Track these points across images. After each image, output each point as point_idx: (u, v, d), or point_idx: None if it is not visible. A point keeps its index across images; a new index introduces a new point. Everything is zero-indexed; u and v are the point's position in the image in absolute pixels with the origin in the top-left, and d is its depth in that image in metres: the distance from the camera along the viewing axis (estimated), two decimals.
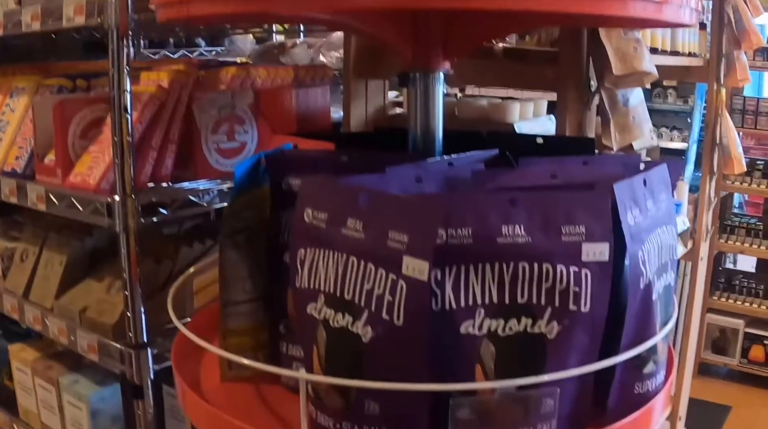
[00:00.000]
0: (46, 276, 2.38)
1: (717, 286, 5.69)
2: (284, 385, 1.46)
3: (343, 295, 1.16)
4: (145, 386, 2.00)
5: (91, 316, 2.15)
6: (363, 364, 1.15)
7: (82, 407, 2.27)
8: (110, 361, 2.05)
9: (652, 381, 1.33)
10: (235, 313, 1.46)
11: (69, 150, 2.12)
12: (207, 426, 1.34)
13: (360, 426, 1.17)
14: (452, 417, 1.15)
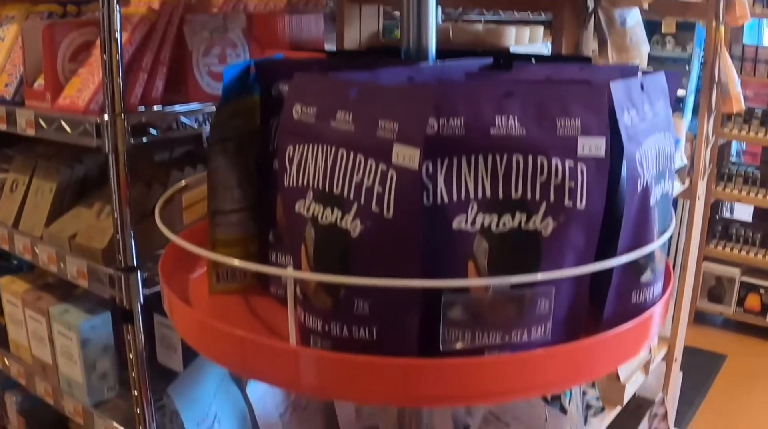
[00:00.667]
0: (36, 204, 2.34)
1: (714, 235, 5.67)
2: (273, 296, 1.43)
3: (332, 189, 1.12)
4: (135, 311, 1.97)
5: (81, 242, 2.12)
6: (352, 260, 1.11)
7: (72, 337, 2.24)
8: (100, 287, 2.02)
9: (650, 290, 1.29)
10: (224, 223, 1.42)
11: (58, 74, 2.08)
12: (194, 335, 1.31)
13: (349, 326, 1.14)
14: (444, 316, 1.12)
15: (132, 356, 2.01)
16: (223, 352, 1.24)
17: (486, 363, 1.12)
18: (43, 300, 2.40)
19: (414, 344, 1.13)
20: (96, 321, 2.25)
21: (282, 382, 1.20)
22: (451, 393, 1.13)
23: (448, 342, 1.12)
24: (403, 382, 1.11)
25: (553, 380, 1.17)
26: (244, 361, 1.21)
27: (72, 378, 2.31)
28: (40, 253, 2.22)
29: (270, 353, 1.17)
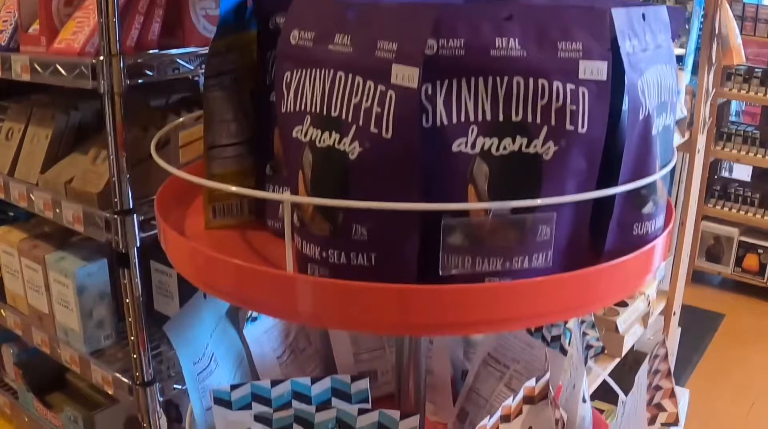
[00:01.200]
0: (31, 152, 2.33)
1: (712, 194, 5.66)
2: (271, 230, 1.42)
3: (329, 112, 1.10)
4: (131, 254, 1.95)
5: (76, 187, 2.11)
6: (350, 183, 1.10)
7: (68, 284, 2.24)
8: (96, 231, 2.00)
9: (652, 223, 1.28)
10: (220, 157, 1.41)
11: (53, 18, 2.07)
12: (191, 267, 1.30)
13: (347, 252, 1.13)
14: (444, 241, 1.11)
15: (129, 301, 2.00)
16: (220, 282, 1.23)
17: (486, 290, 1.11)
18: (39, 248, 2.39)
19: (413, 270, 1.12)
20: (92, 268, 2.24)
21: (279, 311, 1.19)
22: (450, 321, 1.11)
23: (448, 268, 1.11)
24: (401, 308, 1.10)
25: (554, 309, 1.16)
26: (241, 290, 1.20)
27: (68, 326, 2.30)
28: (36, 200, 2.21)
29: (267, 282, 1.16)
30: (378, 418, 1.38)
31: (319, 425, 1.39)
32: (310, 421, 1.39)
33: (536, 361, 1.71)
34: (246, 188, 1.42)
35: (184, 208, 1.55)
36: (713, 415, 4.33)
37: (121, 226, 1.93)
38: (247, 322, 1.69)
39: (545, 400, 1.40)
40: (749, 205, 5.52)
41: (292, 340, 1.85)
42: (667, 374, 1.47)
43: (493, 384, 1.80)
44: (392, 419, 1.37)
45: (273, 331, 1.78)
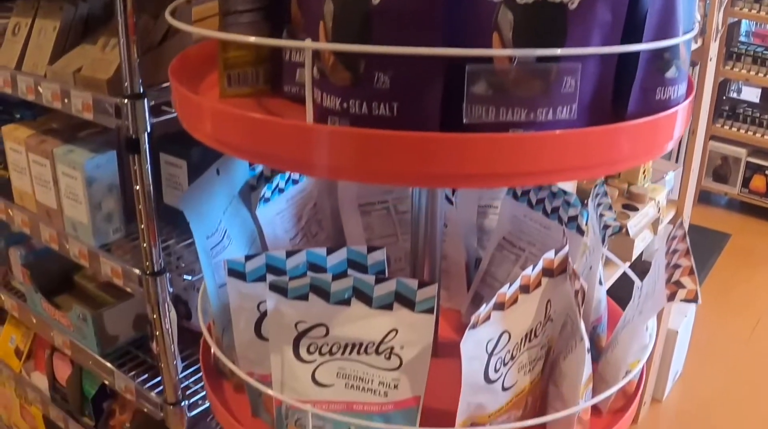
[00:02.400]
0: (38, 45, 2.30)
1: (720, 114, 5.64)
2: (288, 96, 1.41)
3: None
4: (141, 139, 1.94)
5: (86, 75, 2.08)
6: (372, 30, 1.09)
7: (77, 176, 2.22)
8: (106, 118, 1.98)
9: (674, 89, 1.27)
10: (236, 24, 1.39)
11: None
12: (207, 127, 1.28)
13: (369, 102, 1.12)
14: (468, 89, 1.10)
15: (139, 188, 1.98)
16: (238, 138, 1.21)
17: (510, 140, 1.10)
18: (48, 143, 2.37)
19: (436, 120, 1.12)
20: (101, 159, 2.23)
21: (299, 164, 1.18)
22: (471, 171, 1.10)
23: (472, 116, 1.10)
24: (424, 157, 1.09)
25: (575, 165, 1.15)
26: (260, 146, 1.18)
27: (77, 220, 2.29)
28: (44, 92, 2.19)
29: (287, 135, 1.15)
30: (395, 286, 1.37)
31: (335, 294, 1.38)
32: (326, 290, 1.38)
33: (552, 242, 1.71)
34: (261, 56, 1.41)
35: (198, 83, 1.54)
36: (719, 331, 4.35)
37: (132, 110, 1.91)
38: (260, 202, 1.69)
39: (564, 274, 1.40)
40: (757, 126, 5.51)
41: (305, 224, 1.84)
42: (686, 253, 1.47)
43: (509, 267, 1.80)
44: (410, 288, 1.36)
45: (285, 213, 1.77)
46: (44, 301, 2.68)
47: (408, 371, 1.39)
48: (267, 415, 1.59)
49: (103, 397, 2.82)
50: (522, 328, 1.41)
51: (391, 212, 1.94)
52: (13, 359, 3.24)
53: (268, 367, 1.48)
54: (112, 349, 2.56)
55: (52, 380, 3.00)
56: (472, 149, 1.09)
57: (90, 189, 2.22)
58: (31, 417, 3.34)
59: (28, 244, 2.91)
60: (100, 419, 2.82)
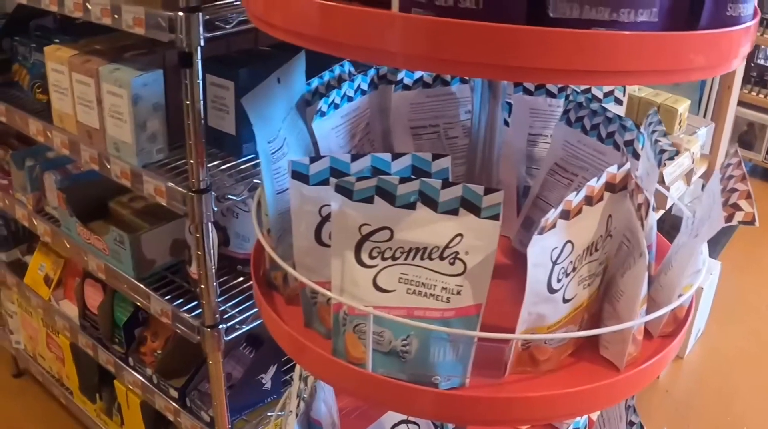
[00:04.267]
0: None
1: (748, 80, 5.64)
2: None
3: None
4: (195, 54, 1.96)
5: None
6: None
7: (122, 94, 2.24)
8: (158, 32, 2.00)
9: (744, 6, 1.29)
10: None
11: None
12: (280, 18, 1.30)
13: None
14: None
15: (189, 103, 2.00)
16: (318, 29, 1.23)
17: (591, 36, 1.12)
18: (92, 62, 2.38)
19: (522, 14, 1.13)
20: (148, 78, 2.24)
21: (383, 55, 1.19)
22: (552, 66, 1.12)
23: (557, 10, 1.12)
24: (508, 49, 1.11)
25: (652, 68, 1.17)
26: (341, 35, 1.20)
27: (120, 140, 2.31)
28: (93, 8, 2.20)
29: (372, 22, 1.16)
30: (462, 192, 1.39)
31: (401, 197, 1.40)
32: (392, 193, 1.40)
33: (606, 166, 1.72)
34: None
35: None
36: (742, 291, 4.38)
37: (186, 24, 1.93)
38: (316, 116, 1.70)
39: (624, 191, 1.42)
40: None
41: (357, 142, 1.86)
42: (742, 178, 1.48)
43: (561, 191, 1.81)
44: (476, 194, 1.38)
45: (340, 129, 1.79)
46: (79, 225, 2.71)
47: (471, 277, 1.41)
48: (321, 326, 1.61)
49: (134, 324, 2.85)
50: (584, 240, 1.43)
51: (441, 137, 1.96)
52: (42, 287, 3.28)
53: (326, 275, 1.50)
54: (148, 273, 2.59)
55: (83, 308, 3.04)
56: (554, 43, 1.10)
57: (135, 107, 2.24)
58: (57, 346, 3.37)
59: (64, 170, 2.94)
60: (131, 346, 2.86)
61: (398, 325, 1.42)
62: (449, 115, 1.93)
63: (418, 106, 1.89)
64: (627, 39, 1.13)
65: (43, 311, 3.31)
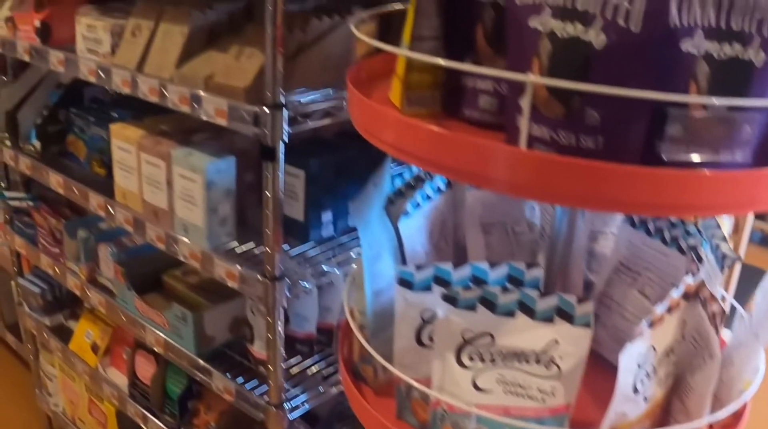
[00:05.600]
0: (164, 48, 2.49)
1: None
2: (467, 119, 1.61)
3: (575, 4, 1.28)
4: (278, 148, 2.13)
5: (219, 81, 2.27)
6: (591, 71, 1.28)
7: (197, 179, 2.41)
8: (241, 125, 2.17)
9: None
10: (420, 49, 1.59)
11: None
12: (407, 143, 1.48)
13: (577, 134, 1.31)
14: (666, 130, 1.29)
15: (270, 194, 2.17)
16: (446, 158, 1.41)
17: (701, 177, 1.29)
18: (163, 145, 2.56)
19: (636, 154, 1.31)
20: (221, 164, 2.41)
21: (498, 184, 1.37)
22: (662, 202, 1.30)
23: (668, 153, 1.30)
24: (625, 188, 1.28)
25: (748, 200, 1.34)
26: (466, 164, 1.38)
27: (190, 222, 2.48)
28: (171, 95, 2.38)
29: (498, 156, 1.34)
30: (557, 301, 1.57)
31: (502, 306, 1.58)
32: (494, 302, 1.58)
33: (670, 268, 1.88)
34: (438, 81, 1.61)
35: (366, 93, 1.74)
36: None
37: (271, 119, 2.11)
38: (402, 217, 1.88)
39: (697, 297, 1.60)
40: None
41: (435, 239, 2.04)
42: None
43: (625, 289, 1.98)
44: (570, 303, 1.57)
45: (423, 227, 1.97)
46: (137, 298, 2.88)
47: (565, 380, 1.59)
48: (413, 418, 1.78)
49: (188, 397, 3.01)
50: (664, 344, 1.61)
51: (508, 232, 2.14)
52: (89, 354, 3.43)
53: (423, 372, 1.68)
54: (207, 349, 2.75)
55: (132, 377, 3.19)
56: (666, 182, 1.29)
57: (209, 193, 2.41)
58: (101, 413, 3.52)
59: (119, 242, 3.11)
60: (184, 417, 3.01)
61: (496, 423, 1.59)
62: (516, 213, 2.11)
63: (489, 205, 2.07)
64: (727, 176, 1.30)
65: (89, 378, 3.47)
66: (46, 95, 3.42)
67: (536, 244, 2.15)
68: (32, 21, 3.06)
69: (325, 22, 2.36)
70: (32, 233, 3.57)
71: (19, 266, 3.93)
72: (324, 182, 2.47)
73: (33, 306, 3.83)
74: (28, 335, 4.00)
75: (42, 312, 3.78)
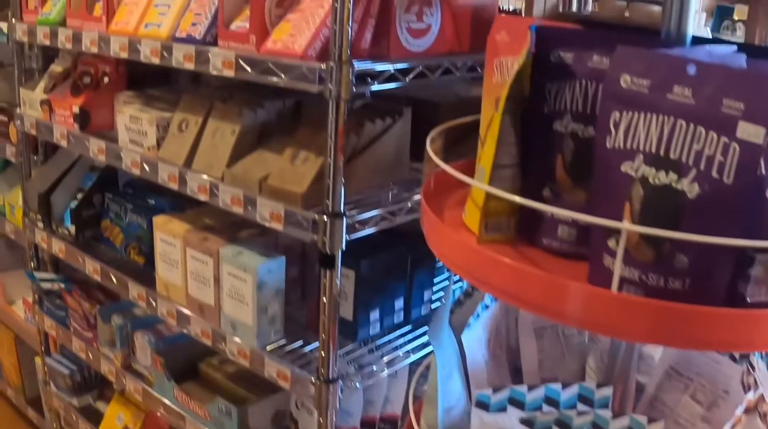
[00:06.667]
0: (214, 145, 2.58)
1: None
2: (545, 247, 1.69)
3: (668, 154, 1.37)
4: (336, 256, 2.22)
5: (275, 185, 2.36)
6: (683, 218, 1.37)
7: (247, 279, 2.48)
8: (298, 231, 2.25)
9: None
10: (500, 178, 1.67)
11: (265, 17, 2.32)
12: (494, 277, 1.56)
13: (666, 278, 1.40)
14: (751, 273, 1.38)
15: (327, 299, 2.26)
16: (529, 294, 1.49)
17: None
18: (210, 241, 2.64)
19: (720, 295, 1.39)
20: (272, 264, 2.50)
21: (589, 323, 1.45)
22: (743, 340, 1.39)
23: (753, 295, 1.38)
24: (710, 328, 1.37)
25: None
26: (557, 305, 1.46)
27: (239, 320, 2.56)
28: (222, 195, 2.46)
29: (587, 297, 1.43)
30: (628, 422, 1.65)
31: (576, 428, 1.66)
32: (569, 424, 1.66)
33: (722, 375, 1.96)
34: (514, 207, 1.69)
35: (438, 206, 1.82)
36: None
37: (330, 228, 2.19)
38: (466, 329, 1.96)
39: (756, 411, 1.68)
40: None
41: (492, 346, 2.12)
42: None
43: (678, 395, 2.05)
44: (641, 423, 1.65)
45: (482, 337, 2.05)
46: (177, 389, 2.94)
47: None
48: None
49: None
50: None
51: (559, 335, 2.22)
52: None
53: None
54: None
55: None
56: (752, 322, 1.37)
57: (260, 293, 2.49)
58: None
59: (155, 330, 3.18)
60: None
61: None
62: None
63: None
64: None
65: None
66: (80, 178, 3.50)
67: (586, 346, 2.22)
68: (70, 106, 3.16)
69: (377, 125, 2.45)
70: (63, 315, 3.64)
71: (47, 345, 3.99)
72: (373, 282, 2.55)
73: (60, 386, 3.89)
74: (53, 413, 4.07)
75: (70, 392, 3.84)
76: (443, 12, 2.49)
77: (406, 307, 2.76)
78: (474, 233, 1.71)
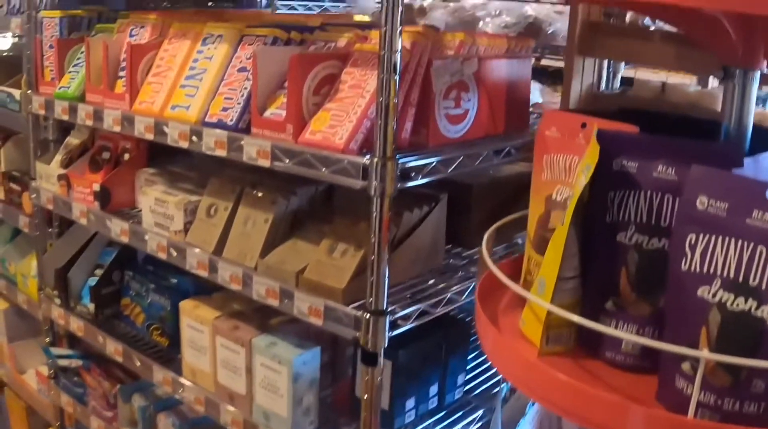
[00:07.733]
0: (245, 234, 2.58)
1: None
2: (607, 360, 1.69)
3: (747, 280, 1.38)
4: (379, 353, 2.22)
5: (312, 278, 2.36)
6: (761, 345, 1.37)
7: (282, 370, 2.48)
8: (338, 327, 2.26)
9: None
10: (562, 289, 1.67)
11: (302, 106, 2.32)
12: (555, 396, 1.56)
13: (742, 403, 1.40)
14: None
15: (368, 397, 2.25)
16: (592, 413, 1.49)
17: None
18: (241, 330, 2.64)
19: None
20: (307, 356, 2.50)
21: None
22: None
23: None
24: None
25: None
26: (618, 425, 1.46)
27: (272, 411, 2.55)
28: (256, 286, 2.46)
29: (659, 423, 1.43)
30: None
31: None
32: None
33: None
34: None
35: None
36: None
37: (373, 326, 2.19)
38: None
39: None
40: None
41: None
42: None
43: None
44: None
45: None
46: None
47: None
48: None
49: None
50: None
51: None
52: None
53: None
54: None
55: None
56: None
57: (295, 384, 2.49)
58: None
59: (178, 411, 3.17)
60: None
61: None
62: None
63: None
64: None
65: None
66: (97, 253, 3.51)
67: None
68: (90, 183, 3.16)
69: (415, 214, 2.46)
70: (81, 392, 3.63)
71: (62, 421, 3.97)
72: (410, 371, 2.55)
73: None
74: None
75: None
76: (480, 95, 2.51)
77: (440, 392, 2.76)
78: (533, 344, 1.71)
